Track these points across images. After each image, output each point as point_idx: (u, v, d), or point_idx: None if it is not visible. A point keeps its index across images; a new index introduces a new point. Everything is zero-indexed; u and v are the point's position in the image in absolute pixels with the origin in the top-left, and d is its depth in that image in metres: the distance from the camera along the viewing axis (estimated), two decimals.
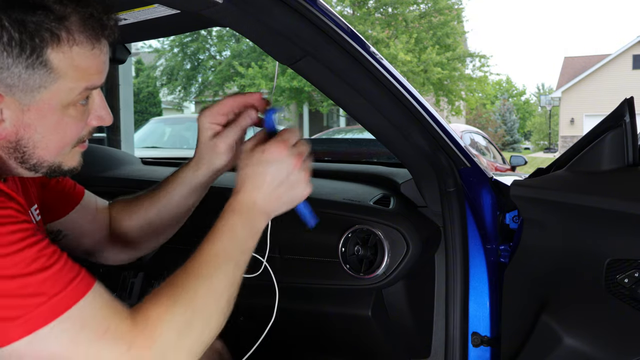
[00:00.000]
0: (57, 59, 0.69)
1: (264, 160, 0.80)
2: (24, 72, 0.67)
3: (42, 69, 0.68)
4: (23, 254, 0.61)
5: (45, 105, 0.70)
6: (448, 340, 1.26)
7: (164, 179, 1.05)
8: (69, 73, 0.70)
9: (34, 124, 0.71)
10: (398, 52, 14.50)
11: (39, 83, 0.69)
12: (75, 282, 0.64)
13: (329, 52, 0.95)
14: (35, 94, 0.69)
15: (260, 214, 0.81)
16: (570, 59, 34.64)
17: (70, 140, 0.75)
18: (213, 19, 0.84)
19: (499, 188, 1.37)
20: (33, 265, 0.61)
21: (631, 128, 1.00)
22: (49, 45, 0.68)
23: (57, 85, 0.70)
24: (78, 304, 0.63)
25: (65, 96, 0.71)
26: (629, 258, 0.97)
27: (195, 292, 0.71)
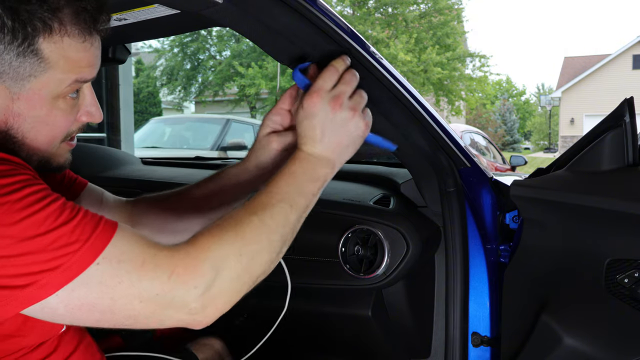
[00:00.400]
0: (49, 49, 0.69)
1: (305, 115, 0.81)
2: (14, 59, 0.68)
3: (32, 58, 0.69)
4: (49, 210, 0.62)
5: (35, 95, 0.71)
6: (448, 340, 1.26)
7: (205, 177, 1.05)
8: (60, 63, 0.71)
9: (24, 113, 0.71)
10: (398, 52, 14.50)
11: (29, 72, 0.69)
12: (102, 225, 0.65)
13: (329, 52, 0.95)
14: (25, 83, 0.70)
15: (321, 161, 0.82)
16: (570, 59, 34.64)
17: (59, 134, 0.76)
18: (213, 19, 0.84)
19: (499, 188, 1.37)
20: (60, 218, 0.62)
21: (631, 128, 1.00)
22: (40, 35, 0.68)
23: (47, 75, 0.71)
24: (110, 243, 0.64)
25: (55, 87, 0.72)
26: (629, 258, 0.97)
27: (248, 225, 0.71)
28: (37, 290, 0.60)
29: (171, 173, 1.65)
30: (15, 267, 0.59)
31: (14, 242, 0.59)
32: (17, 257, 0.59)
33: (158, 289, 0.65)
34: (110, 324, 0.66)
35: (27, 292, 0.60)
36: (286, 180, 0.78)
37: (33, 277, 0.59)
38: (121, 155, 1.93)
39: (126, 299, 0.64)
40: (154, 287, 0.65)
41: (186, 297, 0.66)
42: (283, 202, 0.75)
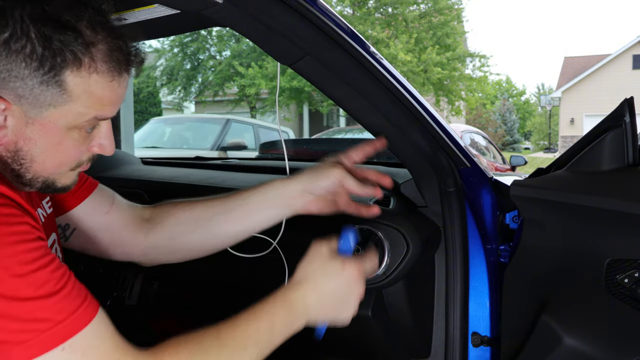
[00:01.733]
0: (74, 82, 0.68)
1: (339, 275, 0.84)
2: (37, 86, 0.67)
3: (56, 88, 0.68)
4: (36, 276, 0.60)
5: (50, 123, 0.70)
6: (448, 340, 1.26)
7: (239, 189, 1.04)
8: (82, 98, 0.70)
9: (35, 138, 0.70)
10: (398, 52, 14.49)
11: (50, 101, 0.68)
12: (81, 309, 0.63)
13: (329, 52, 0.95)
14: (43, 110, 0.69)
15: (303, 316, 0.83)
16: (570, 59, 34.63)
17: (68, 162, 0.75)
18: (213, 19, 0.84)
19: (499, 188, 1.37)
20: (43, 288, 0.60)
21: (631, 128, 1.00)
22: (68, 67, 0.67)
23: (67, 107, 0.69)
24: (81, 332, 0.62)
25: (73, 119, 0.71)
26: (629, 258, 0.97)
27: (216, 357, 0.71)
28: None
29: (171, 173, 1.65)
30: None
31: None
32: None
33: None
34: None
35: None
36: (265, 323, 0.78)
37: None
38: (121, 155, 1.93)
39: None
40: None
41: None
42: (255, 346, 0.75)
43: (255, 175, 1.58)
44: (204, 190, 1.47)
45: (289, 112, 19.26)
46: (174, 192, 1.50)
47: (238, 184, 1.46)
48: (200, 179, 1.55)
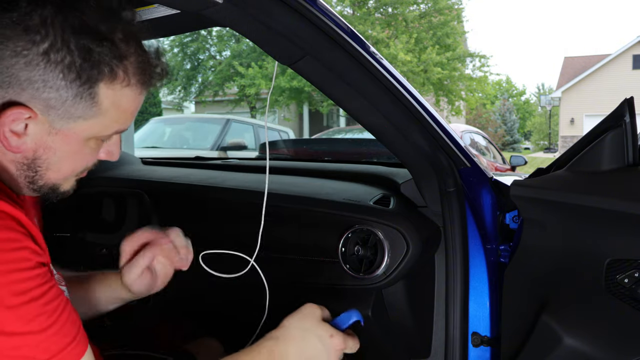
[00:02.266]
0: (105, 95, 0.68)
1: (324, 341, 0.85)
2: (70, 98, 0.66)
3: (88, 101, 0.67)
4: (26, 309, 0.58)
5: (73, 134, 0.69)
6: (448, 340, 1.26)
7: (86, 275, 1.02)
8: (110, 111, 0.70)
9: (56, 147, 0.70)
10: (398, 52, 14.49)
11: (80, 113, 0.68)
12: (69, 349, 0.61)
13: (329, 52, 0.95)
14: (71, 122, 0.68)
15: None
16: (570, 59, 34.62)
17: (80, 169, 0.75)
18: (213, 19, 0.84)
19: (499, 188, 1.37)
20: (32, 323, 0.58)
21: (631, 128, 1.00)
22: (104, 80, 0.67)
23: (95, 120, 0.69)
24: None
25: (97, 132, 0.71)
26: (629, 258, 0.97)
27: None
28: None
29: (171, 173, 1.65)
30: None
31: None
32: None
33: None
34: None
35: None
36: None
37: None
38: (121, 155, 1.93)
39: None
40: None
41: None
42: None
43: (255, 175, 1.58)
44: (204, 190, 1.47)
45: (289, 112, 19.25)
46: (174, 192, 1.50)
47: (238, 184, 1.46)
48: (200, 179, 1.55)
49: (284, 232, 1.30)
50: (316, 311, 0.88)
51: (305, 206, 1.30)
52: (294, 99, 16.66)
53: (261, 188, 1.37)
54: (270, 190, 1.32)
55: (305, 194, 1.34)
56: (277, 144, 4.83)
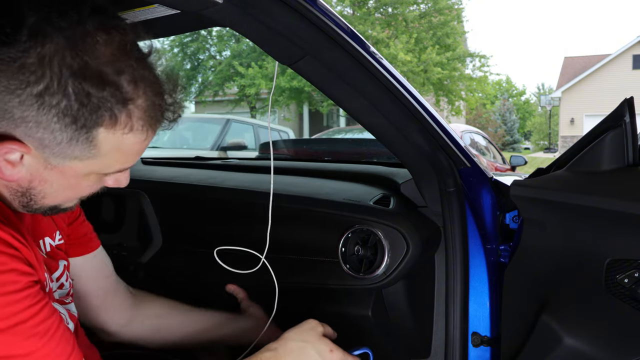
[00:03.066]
0: (106, 140, 0.64)
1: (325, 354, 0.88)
2: (65, 141, 0.63)
3: (85, 144, 0.64)
4: (17, 330, 0.57)
5: (70, 171, 0.67)
6: (448, 340, 1.26)
7: None
8: (110, 154, 0.66)
9: (51, 180, 0.67)
10: (398, 52, 14.49)
11: (76, 154, 0.65)
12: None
13: (329, 52, 0.95)
14: (67, 161, 0.65)
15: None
16: (570, 59, 34.62)
17: (80, 197, 0.74)
18: (213, 19, 0.84)
19: (499, 188, 1.37)
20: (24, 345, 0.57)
21: (631, 128, 1.00)
22: (103, 125, 0.63)
23: (94, 160, 0.66)
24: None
25: (95, 169, 0.68)
26: (629, 258, 0.97)
27: None
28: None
29: (171, 173, 1.65)
30: None
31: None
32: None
33: None
34: None
35: None
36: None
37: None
38: None
39: None
40: None
41: None
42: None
43: (255, 175, 1.58)
44: (204, 190, 1.47)
45: (289, 112, 19.25)
46: (174, 192, 1.50)
47: (238, 184, 1.46)
48: (200, 179, 1.55)
49: (284, 232, 1.30)
50: (317, 327, 0.90)
51: (305, 206, 1.30)
52: (294, 99, 16.66)
53: (261, 188, 1.37)
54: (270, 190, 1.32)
55: (305, 194, 1.34)
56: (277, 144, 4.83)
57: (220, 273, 1.22)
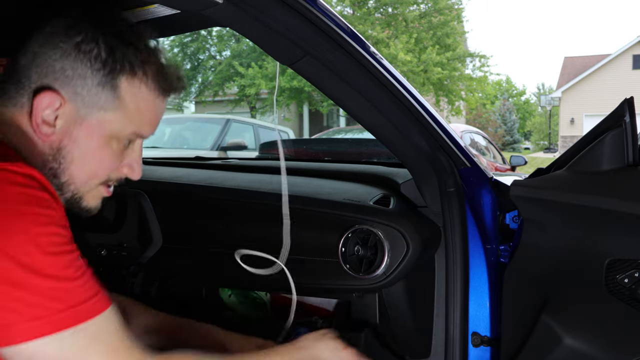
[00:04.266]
0: (126, 90, 0.77)
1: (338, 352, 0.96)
2: (94, 86, 0.75)
3: (110, 91, 0.76)
4: (61, 258, 0.65)
5: (96, 127, 0.77)
6: (448, 340, 1.26)
7: None
8: (129, 108, 0.78)
9: (80, 139, 0.76)
10: (398, 52, 14.49)
11: (102, 104, 0.76)
12: (95, 299, 0.67)
13: (329, 52, 0.95)
14: (94, 111, 0.76)
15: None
16: (570, 59, 34.61)
17: (102, 173, 0.80)
18: (213, 19, 0.84)
19: (499, 188, 1.36)
20: (65, 271, 0.65)
21: (631, 128, 1.00)
22: (125, 75, 0.76)
23: (115, 114, 0.77)
24: (93, 319, 0.66)
25: (116, 129, 0.78)
26: (629, 258, 0.97)
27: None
28: (14, 335, 0.61)
29: (171, 173, 1.65)
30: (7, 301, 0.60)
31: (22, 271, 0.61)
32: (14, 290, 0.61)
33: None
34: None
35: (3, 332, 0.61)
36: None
37: (15, 316, 0.61)
38: None
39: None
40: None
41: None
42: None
43: (255, 175, 1.58)
44: (204, 190, 1.47)
45: (289, 112, 19.25)
46: (174, 192, 1.50)
47: (238, 184, 1.46)
48: (200, 179, 1.54)
49: None
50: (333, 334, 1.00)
51: (305, 206, 1.30)
52: (294, 99, 16.67)
53: (262, 188, 1.37)
54: (270, 190, 1.32)
55: (305, 194, 1.34)
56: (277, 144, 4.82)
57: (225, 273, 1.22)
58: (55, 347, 0.63)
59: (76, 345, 0.64)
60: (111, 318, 0.69)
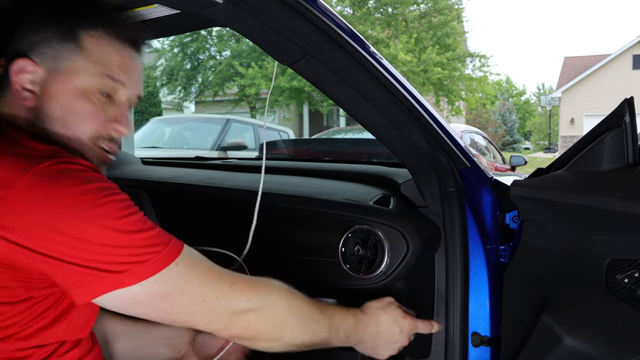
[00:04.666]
0: (89, 41, 0.82)
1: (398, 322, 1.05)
2: (57, 43, 0.81)
3: (73, 44, 0.81)
4: (137, 216, 0.74)
5: (67, 79, 0.81)
6: (448, 340, 1.26)
7: None
8: (94, 54, 0.82)
9: (55, 94, 0.81)
10: (398, 52, 14.49)
11: (67, 55, 0.81)
12: (174, 239, 0.77)
13: (329, 52, 0.95)
14: (62, 63, 0.81)
15: (357, 338, 1.00)
16: (570, 59, 34.62)
17: (87, 129, 0.83)
18: (213, 19, 0.85)
19: (499, 188, 1.36)
20: (148, 223, 0.75)
21: (631, 128, 1.00)
22: (85, 28, 0.82)
23: (82, 62, 0.82)
24: (183, 251, 0.77)
25: (87, 77, 0.82)
26: (629, 258, 0.97)
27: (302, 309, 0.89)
28: (128, 278, 0.71)
29: (171, 173, 1.65)
30: (114, 256, 0.70)
31: (119, 234, 0.70)
32: (118, 247, 0.70)
33: (219, 292, 0.79)
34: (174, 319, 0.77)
35: (120, 277, 0.70)
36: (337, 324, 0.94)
37: (126, 266, 0.70)
38: (121, 155, 1.93)
39: (193, 296, 0.76)
40: (217, 290, 0.78)
41: (240, 305, 0.80)
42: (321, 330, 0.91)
43: (255, 175, 1.58)
44: (204, 190, 1.47)
45: (289, 112, 19.25)
46: (174, 192, 1.50)
47: (238, 184, 1.46)
48: (200, 179, 1.55)
49: (284, 231, 1.30)
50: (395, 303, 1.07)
51: (305, 206, 1.30)
52: (294, 99, 16.67)
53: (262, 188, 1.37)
54: (270, 190, 1.32)
55: (305, 194, 1.34)
56: (277, 143, 4.82)
57: None
58: (166, 279, 0.73)
59: (181, 272, 0.75)
60: (192, 251, 0.79)
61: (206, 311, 0.78)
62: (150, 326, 1.11)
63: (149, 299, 0.73)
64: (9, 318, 0.73)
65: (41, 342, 0.77)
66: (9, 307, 0.72)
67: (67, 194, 0.69)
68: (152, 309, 0.75)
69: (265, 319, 0.83)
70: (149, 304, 0.74)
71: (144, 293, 0.72)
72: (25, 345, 0.75)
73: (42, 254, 0.68)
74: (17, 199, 0.67)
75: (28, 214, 0.67)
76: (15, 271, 0.70)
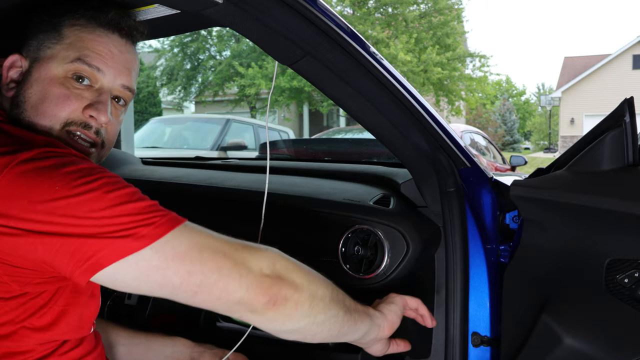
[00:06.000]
0: (68, 29, 0.84)
1: None
2: (42, 34, 0.84)
3: (55, 33, 0.84)
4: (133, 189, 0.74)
5: (44, 65, 0.83)
6: (448, 340, 1.26)
7: None
8: (70, 39, 0.84)
9: (32, 81, 0.83)
10: (398, 52, 14.49)
11: (47, 44, 0.84)
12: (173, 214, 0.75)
13: (329, 52, 0.95)
14: (44, 52, 0.83)
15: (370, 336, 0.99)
16: (570, 59, 34.62)
17: (60, 113, 0.82)
18: (213, 19, 0.85)
19: (499, 188, 1.36)
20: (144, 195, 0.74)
21: (631, 128, 1.00)
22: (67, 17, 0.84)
23: (59, 47, 0.83)
24: (186, 221, 0.75)
25: (61, 60, 0.83)
26: (629, 258, 0.97)
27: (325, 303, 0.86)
28: (136, 241, 0.68)
29: (171, 173, 1.65)
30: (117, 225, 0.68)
31: (119, 203, 0.69)
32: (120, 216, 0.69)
33: (238, 245, 0.77)
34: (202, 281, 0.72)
35: (127, 242, 0.68)
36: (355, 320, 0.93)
37: (131, 230, 0.69)
38: (121, 155, 1.93)
39: (212, 250, 0.74)
40: (236, 243, 0.77)
41: (251, 268, 0.76)
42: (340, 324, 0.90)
43: (255, 175, 1.58)
44: (204, 190, 1.47)
45: (289, 112, 19.26)
46: (174, 192, 1.51)
47: (238, 184, 1.46)
48: (200, 179, 1.55)
49: (284, 231, 1.30)
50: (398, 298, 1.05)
51: (306, 206, 1.30)
52: (294, 99, 16.67)
53: (261, 188, 1.37)
54: (270, 190, 1.32)
55: (305, 194, 1.34)
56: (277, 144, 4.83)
57: None
58: (178, 238, 0.71)
59: (192, 232, 0.74)
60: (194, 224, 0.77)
61: (233, 264, 0.74)
62: (151, 338, 1.11)
63: (165, 260, 0.70)
64: (3, 315, 0.72)
65: (40, 341, 0.77)
66: (3, 303, 0.72)
67: (59, 174, 0.69)
68: (173, 272, 0.70)
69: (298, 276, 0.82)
70: (167, 268, 0.70)
71: (158, 256, 0.69)
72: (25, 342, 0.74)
73: (42, 233, 0.66)
74: (8, 184, 0.67)
75: (22, 198, 0.67)
76: (8, 265, 0.69)
